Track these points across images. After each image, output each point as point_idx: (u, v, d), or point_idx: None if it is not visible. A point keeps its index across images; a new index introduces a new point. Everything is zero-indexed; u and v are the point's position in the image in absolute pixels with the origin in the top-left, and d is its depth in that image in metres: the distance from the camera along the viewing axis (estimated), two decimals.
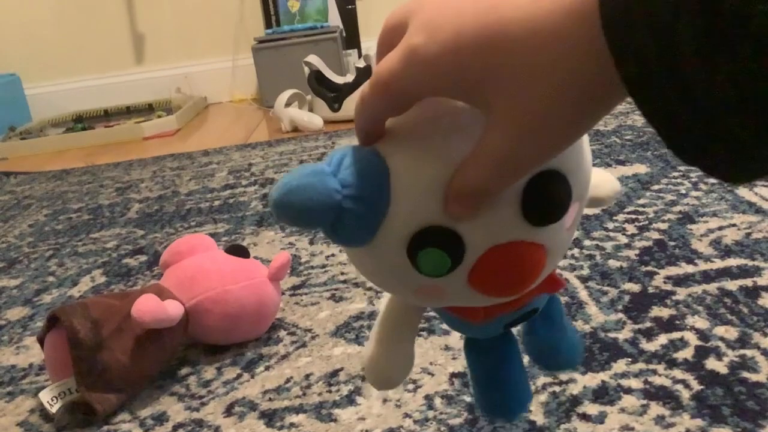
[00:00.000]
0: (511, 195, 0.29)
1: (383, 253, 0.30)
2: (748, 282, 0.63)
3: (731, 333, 0.56)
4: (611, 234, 0.77)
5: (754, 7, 0.17)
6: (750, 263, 0.67)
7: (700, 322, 0.58)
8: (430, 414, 0.52)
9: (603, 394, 0.51)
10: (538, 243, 0.30)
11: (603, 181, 0.40)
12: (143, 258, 0.93)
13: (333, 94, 1.61)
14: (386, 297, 0.39)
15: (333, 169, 0.29)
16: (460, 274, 0.30)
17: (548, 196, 0.29)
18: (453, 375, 0.56)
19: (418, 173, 0.29)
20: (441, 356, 0.59)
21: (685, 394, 0.50)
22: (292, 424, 0.53)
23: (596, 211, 0.84)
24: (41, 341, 0.60)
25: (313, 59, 1.62)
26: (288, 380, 0.59)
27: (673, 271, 0.67)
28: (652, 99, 0.21)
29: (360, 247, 0.31)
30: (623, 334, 0.58)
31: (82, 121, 2.02)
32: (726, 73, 0.19)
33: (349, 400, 0.55)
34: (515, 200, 0.29)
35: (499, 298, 0.33)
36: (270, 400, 0.57)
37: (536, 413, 0.50)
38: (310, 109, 1.66)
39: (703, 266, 0.67)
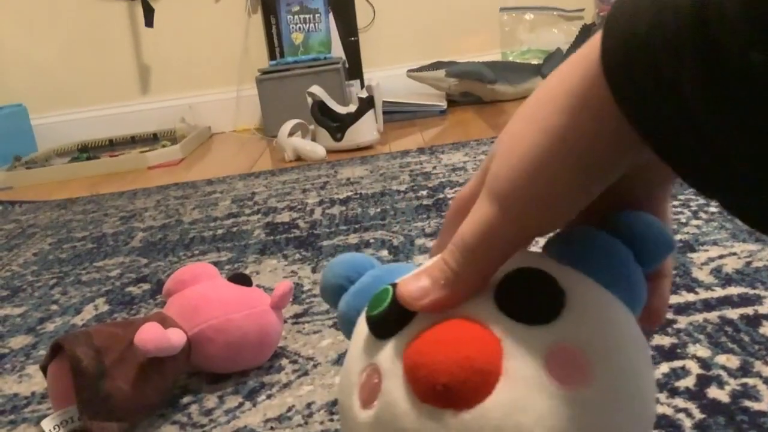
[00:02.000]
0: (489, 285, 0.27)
1: (358, 328, 0.32)
2: (749, 310, 0.63)
3: (733, 361, 0.56)
4: None
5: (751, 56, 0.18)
6: (751, 291, 0.67)
7: (702, 351, 0.58)
8: None
9: None
10: (496, 335, 0.26)
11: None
12: (147, 286, 0.94)
13: (336, 124, 1.63)
14: None
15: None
16: (400, 343, 0.28)
17: (528, 286, 0.27)
18: None
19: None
20: None
21: (687, 423, 0.50)
22: None
23: None
24: (44, 370, 0.60)
25: (316, 90, 1.64)
26: (290, 409, 0.59)
27: (674, 299, 0.67)
28: (656, 127, 0.21)
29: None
30: None
31: (87, 151, 2.04)
32: (734, 122, 0.19)
33: None
34: (491, 286, 0.27)
35: (427, 403, 0.26)
36: (272, 428, 0.57)
37: None
38: (313, 139, 1.68)
39: (704, 295, 0.68)
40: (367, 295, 0.31)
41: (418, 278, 0.27)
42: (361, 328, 0.31)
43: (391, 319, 0.28)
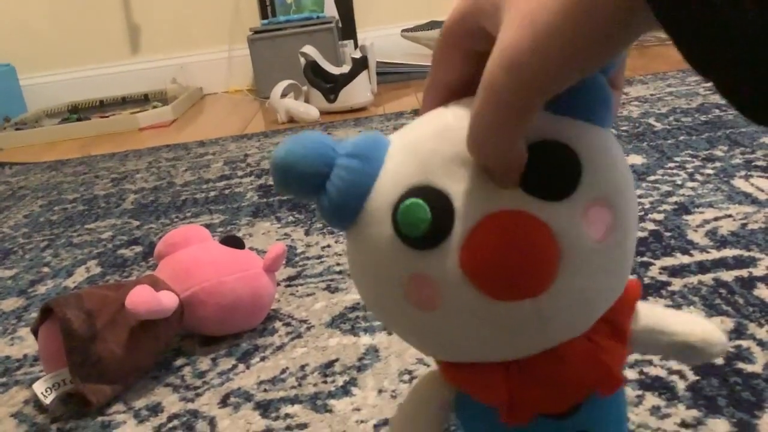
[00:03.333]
0: None
1: (370, 228, 0.29)
2: (743, 273, 0.63)
3: (727, 324, 0.56)
4: None
5: None
6: (746, 254, 0.67)
7: (696, 313, 0.58)
8: None
9: None
10: (542, 220, 0.27)
11: (694, 324, 0.34)
12: (138, 249, 0.93)
13: (329, 85, 1.61)
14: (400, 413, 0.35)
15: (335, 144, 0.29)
16: (449, 252, 0.27)
17: (545, 161, 0.27)
18: None
19: (411, 135, 0.30)
20: None
21: (680, 385, 0.50)
22: (287, 415, 0.53)
23: None
24: (35, 332, 0.60)
25: (309, 50, 1.62)
26: (283, 371, 0.59)
27: (668, 261, 0.67)
28: (678, 18, 0.21)
29: (349, 222, 0.30)
30: None
31: (77, 112, 2.01)
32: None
33: (345, 390, 0.55)
34: None
35: (504, 300, 0.27)
36: (265, 390, 0.57)
37: None
38: (306, 100, 1.66)
39: (698, 257, 0.67)
40: (357, 191, 0.29)
41: None
42: (378, 238, 0.28)
43: (435, 234, 0.27)
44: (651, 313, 0.34)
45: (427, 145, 0.28)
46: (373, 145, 0.29)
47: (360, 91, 1.61)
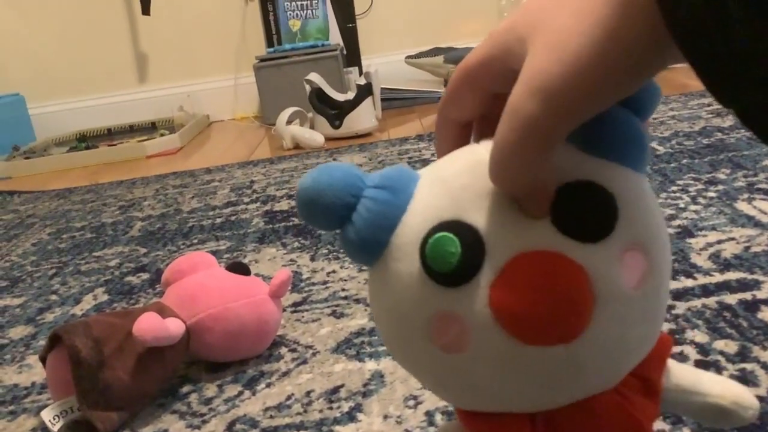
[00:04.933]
0: None
1: (397, 264, 0.28)
2: (747, 296, 0.63)
3: (731, 347, 0.56)
4: None
5: None
6: (749, 277, 0.67)
7: (700, 336, 0.58)
8: (431, 430, 0.52)
9: None
10: (577, 262, 0.26)
11: (727, 387, 0.33)
12: (145, 276, 0.94)
13: (334, 112, 1.62)
14: None
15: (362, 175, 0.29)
16: (479, 290, 0.26)
17: (582, 202, 0.26)
18: None
19: (442, 169, 0.29)
20: None
21: None
22: None
23: None
24: (43, 360, 0.60)
25: (314, 77, 1.64)
26: (289, 397, 0.59)
27: (672, 285, 0.67)
28: (695, 44, 0.21)
29: (375, 256, 0.29)
30: None
31: (85, 140, 2.03)
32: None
33: (350, 416, 0.55)
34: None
35: (535, 344, 0.26)
36: (271, 417, 0.57)
37: None
38: (312, 127, 1.67)
39: (702, 280, 0.67)
40: (385, 223, 0.28)
41: None
42: (404, 274, 0.27)
43: (465, 270, 0.26)
44: (684, 372, 0.33)
45: (459, 180, 0.28)
46: (401, 178, 0.29)
47: (365, 117, 1.63)
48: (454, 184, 0.28)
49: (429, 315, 0.27)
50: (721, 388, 0.33)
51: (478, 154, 0.29)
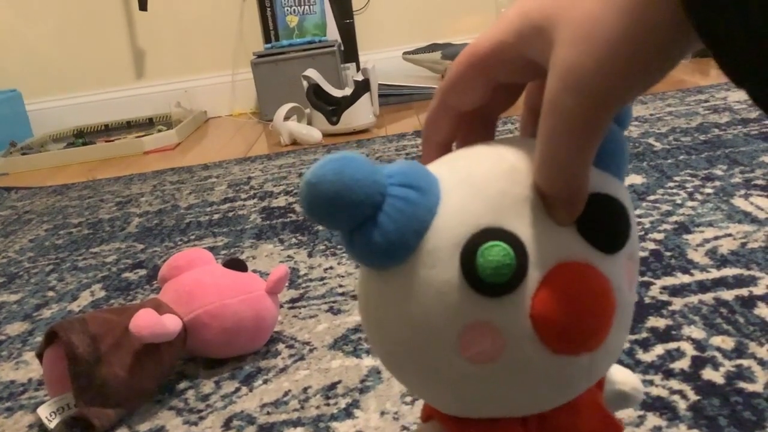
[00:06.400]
0: None
1: (428, 270, 0.26)
2: (744, 292, 0.63)
3: (727, 343, 0.56)
4: None
5: None
6: (746, 273, 0.67)
7: (697, 332, 0.58)
8: None
9: None
10: (604, 274, 0.26)
11: (626, 375, 0.37)
12: (143, 272, 0.94)
13: (331, 108, 1.62)
14: None
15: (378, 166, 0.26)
16: (522, 300, 0.25)
17: (605, 214, 0.27)
18: None
19: (469, 171, 0.27)
20: None
21: (681, 405, 0.50)
22: None
23: None
24: (40, 357, 0.60)
25: (311, 73, 1.63)
26: (286, 393, 0.59)
27: (669, 281, 0.68)
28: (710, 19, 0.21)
29: (398, 261, 0.26)
30: None
31: (82, 136, 2.03)
32: None
33: (347, 413, 0.55)
34: None
35: (569, 354, 0.26)
36: (268, 413, 0.57)
37: None
38: (309, 123, 1.67)
39: (699, 276, 0.68)
40: (416, 226, 0.26)
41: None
42: (437, 281, 0.26)
43: (512, 280, 0.25)
44: None
45: (495, 185, 0.26)
46: (426, 177, 0.27)
47: (362, 113, 1.63)
48: (490, 189, 0.26)
49: (462, 325, 0.26)
50: (622, 375, 0.36)
51: (508, 158, 0.28)
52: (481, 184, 0.27)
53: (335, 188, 0.25)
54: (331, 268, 0.84)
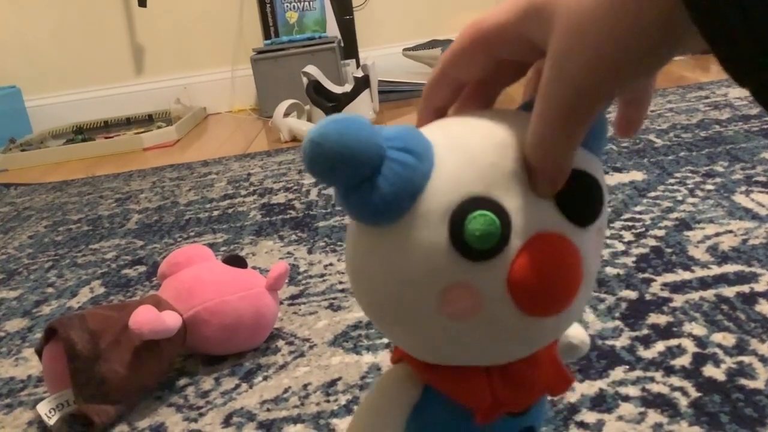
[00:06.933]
0: None
1: (418, 232, 0.27)
2: (745, 288, 0.63)
3: (729, 340, 0.56)
4: (608, 241, 0.77)
5: None
6: (747, 269, 0.67)
7: (698, 329, 0.58)
8: None
9: (601, 402, 0.51)
10: (575, 245, 0.28)
11: (575, 327, 0.39)
12: (142, 269, 0.93)
13: (331, 104, 1.62)
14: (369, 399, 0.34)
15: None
16: (501, 266, 0.27)
17: (582, 190, 0.29)
18: None
19: (462, 141, 0.29)
20: None
21: (682, 402, 0.50)
22: None
23: None
24: (39, 353, 0.60)
25: (311, 69, 1.63)
26: (286, 390, 0.59)
27: (670, 278, 0.67)
28: (711, 19, 0.21)
29: (392, 220, 0.28)
30: (621, 342, 0.58)
31: (82, 133, 2.02)
32: None
33: (347, 409, 0.55)
34: None
35: (538, 316, 0.29)
36: (268, 410, 0.57)
37: None
38: (309, 119, 1.67)
39: (700, 273, 0.67)
40: (411, 189, 0.27)
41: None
42: (425, 242, 0.27)
43: (495, 247, 0.27)
44: None
45: (487, 157, 0.28)
46: (422, 142, 0.28)
47: (362, 109, 1.62)
48: (482, 160, 0.28)
49: (445, 285, 0.28)
50: (573, 330, 0.38)
51: (500, 131, 0.29)
52: (473, 155, 0.28)
53: (338, 148, 0.26)
54: (331, 264, 0.84)
